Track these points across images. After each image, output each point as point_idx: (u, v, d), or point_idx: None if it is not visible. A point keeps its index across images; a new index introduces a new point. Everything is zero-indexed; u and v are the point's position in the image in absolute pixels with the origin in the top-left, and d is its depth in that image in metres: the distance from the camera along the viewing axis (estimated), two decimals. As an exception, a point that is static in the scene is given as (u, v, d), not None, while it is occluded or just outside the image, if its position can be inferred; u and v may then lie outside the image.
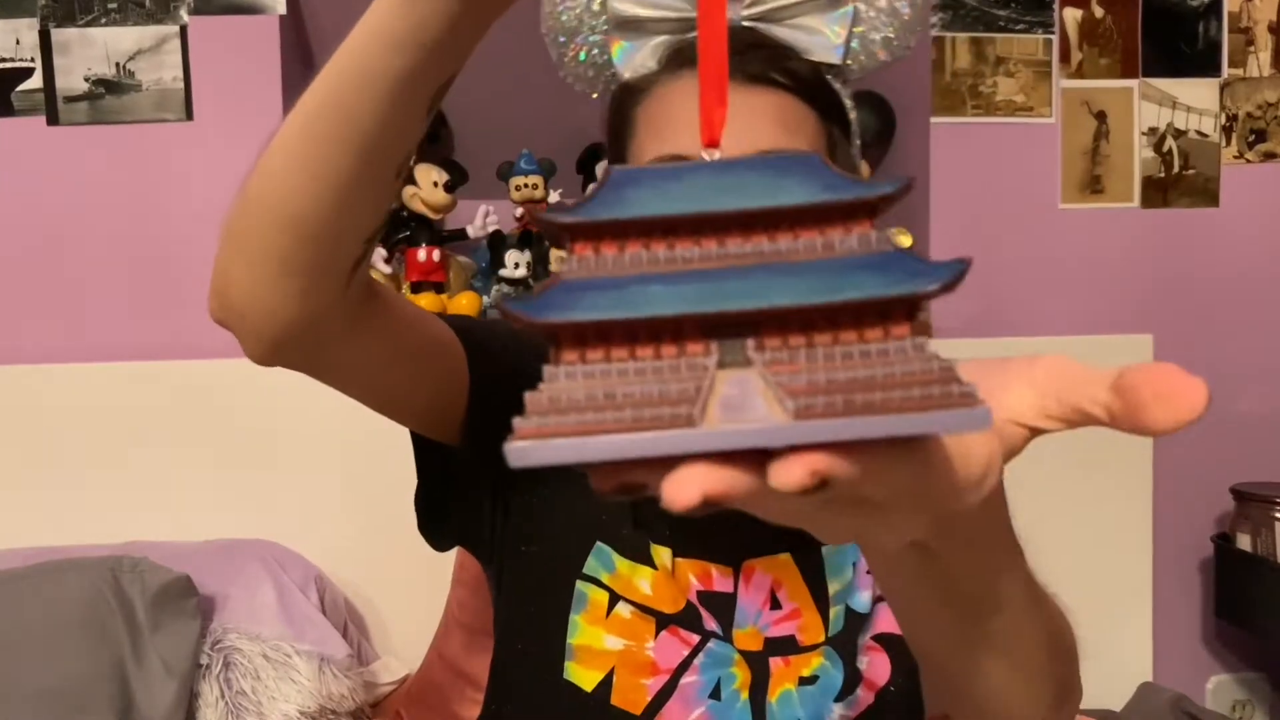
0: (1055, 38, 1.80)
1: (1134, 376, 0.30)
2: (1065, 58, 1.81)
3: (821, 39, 0.83)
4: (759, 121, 0.75)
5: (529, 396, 0.27)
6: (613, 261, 0.29)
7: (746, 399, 0.27)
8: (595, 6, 0.85)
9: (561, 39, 0.87)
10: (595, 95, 0.89)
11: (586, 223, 0.29)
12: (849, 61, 0.84)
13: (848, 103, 0.84)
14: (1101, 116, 1.82)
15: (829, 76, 0.83)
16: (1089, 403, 0.31)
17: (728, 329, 0.28)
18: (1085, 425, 0.32)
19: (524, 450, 0.26)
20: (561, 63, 0.88)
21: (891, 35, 0.85)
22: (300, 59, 1.74)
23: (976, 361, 0.35)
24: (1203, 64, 1.85)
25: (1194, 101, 1.85)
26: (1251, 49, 1.86)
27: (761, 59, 0.78)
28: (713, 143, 0.32)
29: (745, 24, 0.83)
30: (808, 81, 0.79)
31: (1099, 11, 1.82)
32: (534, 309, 0.28)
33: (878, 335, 0.28)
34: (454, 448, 0.78)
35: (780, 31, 0.82)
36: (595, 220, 0.29)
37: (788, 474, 0.25)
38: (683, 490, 0.25)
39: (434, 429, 0.78)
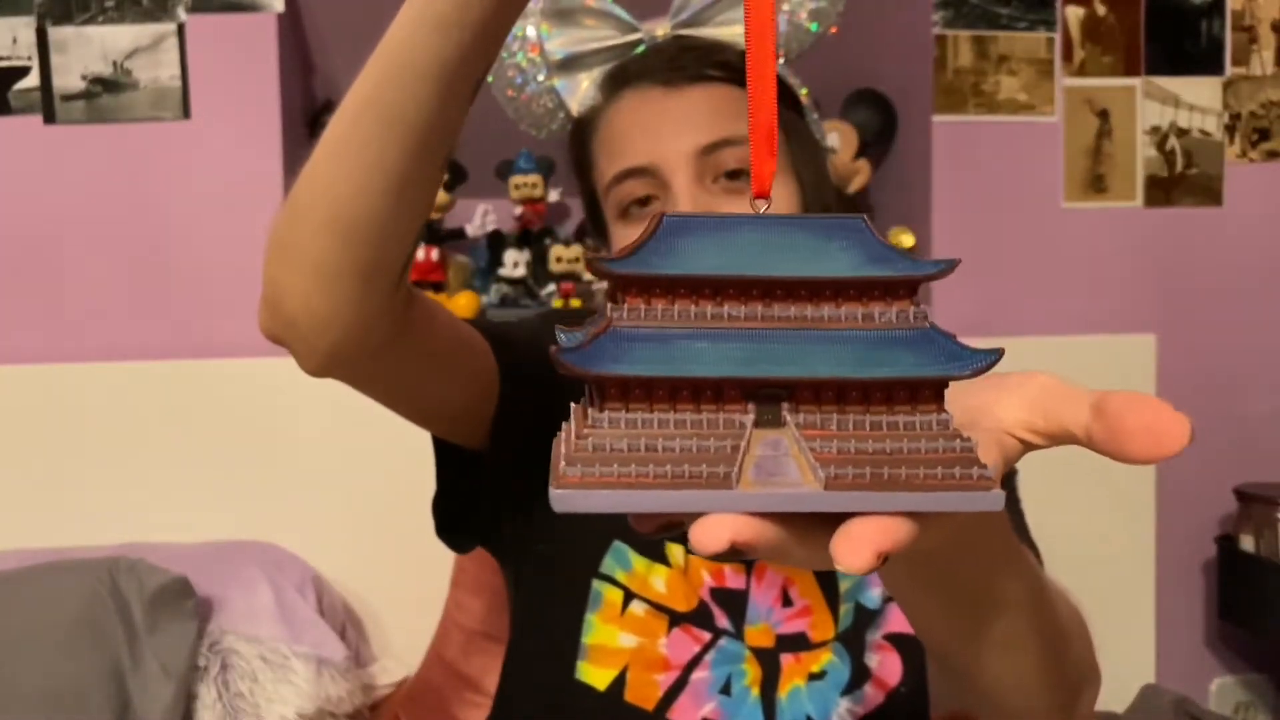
0: (1058, 36, 1.79)
1: (1119, 404, 0.31)
2: (1068, 56, 1.80)
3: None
4: (698, 116, 0.78)
5: (574, 443, 0.29)
6: (662, 313, 0.30)
7: (779, 462, 0.29)
8: (535, 56, 0.88)
9: (511, 92, 0.91)
10: (544, 135, 0.94)
11: (640, 275, 0.30)
12: (782, 42, 0.89)
13: (793, 81, 0.87)
14: (1104, 115, 1.81)
15: None
16: (1071, 422, 0.33)
17: (766, 390, 0.30)
18: (1068, 443, 0.34)
19: (567, 498, 0.28)
20: (518, 114, 0.93)
21: (815, 6, 0.89)
22: (298, 57, 1.73)
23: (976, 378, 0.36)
24: (1206, 62, 1.84)
25: (1197, 100, 1.84)
26: (1255, 47, 1.85)
27: (693, 60, 0.81)
28: (762, 194, 0.33)
29: (675, 33, 0.87)
30: (742, 69, 0.81)
31: (1101, 9, 1.81)
32: (585, 359, 0.29)
33: (905, 409, 0.30)
34: (476, 451, 0.79)
35: (708, 32, 0.87)
36: (648, 274, 0.30)
37: (856, 560, 0.26)
38: (712, 536, 0.27)
39: (461, 433, 0.79)
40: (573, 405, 0.32)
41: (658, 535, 0.29)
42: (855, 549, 0.26)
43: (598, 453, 0.28)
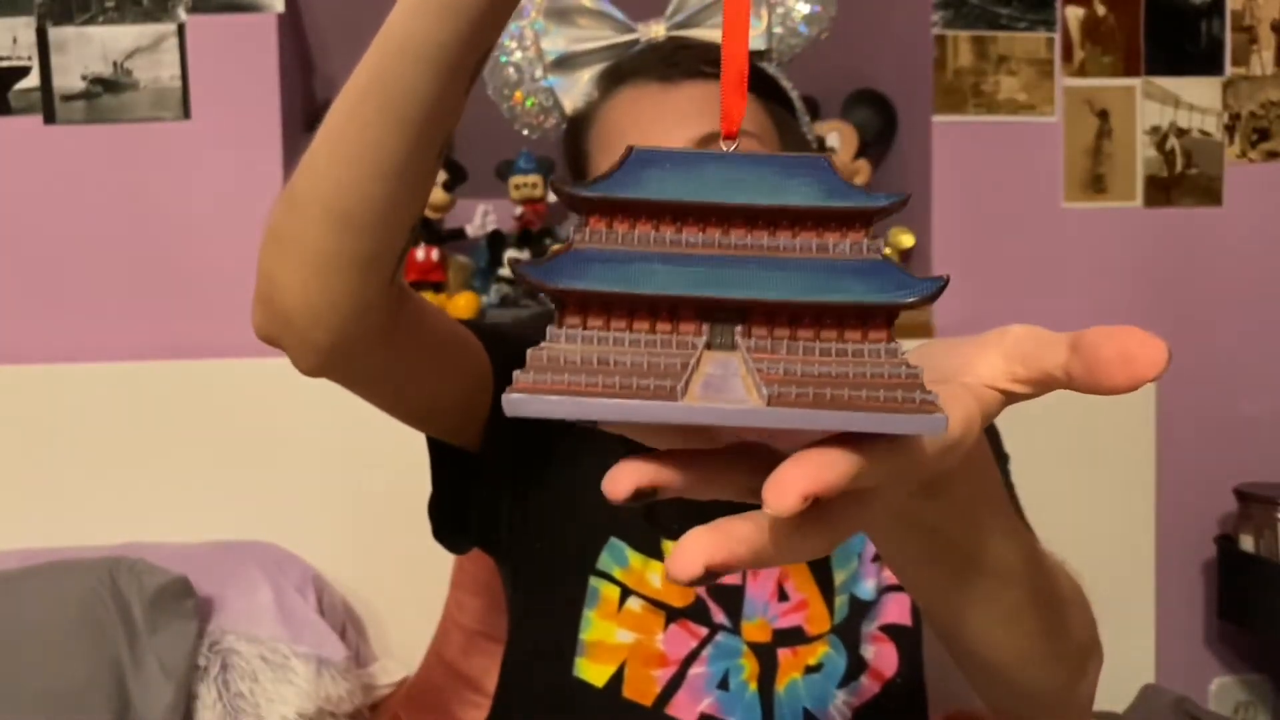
0: (1057, 36, 1.79)
1: (1093, 337, 0.31)
2: (1067, 56, 1.80)
3: None
4: (693, 111, 0.79)
5: (530, 352, 0.30)
6: (623, 237, 0.31)
7: (727, 380, 0.29)
8: (532, 54, 0.89)
9: (506, 91, 0.91)
10: (537, 135, 0.95)
11: (603, 198, 0.31)
12: (774, 45, 0.90)
13: (785, 83, 0.88)
14: (1104, 115, 1.81)
15: (761, 63, 0.87)
16: (1051, 364, 0.33)
17: (720, 313, 0.31)
18: (1051, 388, 0.34)
19: (519, 401, 0.28)
20: (513, 113, 0.93)
21: (809, 10, 0.90)
22: (298, 57, 1.73)
23: (953, 339, 0.37)
24: (1205, 62, 1.84)
25: (1197, 100, 1.84)
26: (1254, 47, 1.85)
27: (688, 57, 0.82)
28: (731, 134, 0.33)
29: (670, 34, 0.88)
30: None
31: (1101, 9, 1.81)
32: (544, 273, 0.30)
33: (856, 336, 0.30)
34: (471, 452, 0.79)
35: (702, 33, 0.88)
36: (611, 197, 0.31)
37: (782, 501, 0.26)
38: (617, 484, 0.27)
39: (454, 432, 0.79)
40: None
41: (633, 504, 0.29)
42: (782, 491, 0.26)
43: (552, 363, 0.29)
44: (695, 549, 0.27)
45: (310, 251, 0.59)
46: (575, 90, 0.89)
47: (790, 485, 0.26)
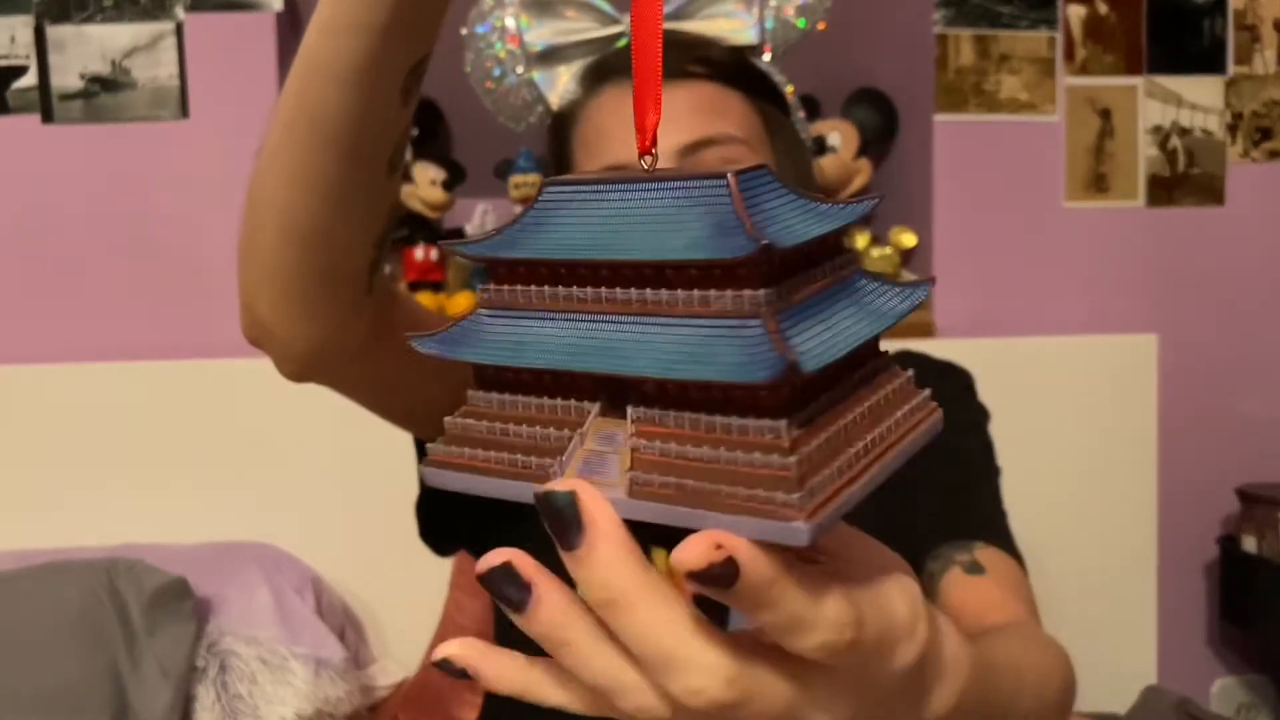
0: (1059, 35, 1.79)
1: None
2: (1069, 55, 1.80)
3: (735, 24, 0.86)
4: (679, 114, 0.76)
5: (447, 421, 0.30)
6: (521, 294, 0.30)
7: (606, 460, 0.27)
8: (514, 48, 0.86)
9: (489, 84, 0.89)
10: (521, 128, 0.93)
11: (500, 259, 0.30)
12: (768, 38, 0.87)
13: (779, 78, 0.85)
14: (1106, 114, 1.81)
15: (753, 58, 0.85)
16: None
17: (616, 380, 0.28)
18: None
19: (432, 474, 0.29)
20: (496, 106, 0.91)
21: (803, 2, 0.88)
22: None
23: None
24: (1207, 61, 1.84)
25: (1199, 99, 1.84)
26: (1257, 46, 1.85)
27: (675, 56, 0.79)
28: (646, 150, 0.31)
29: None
30: (726, 66, 0.81)
31: (1103, 8, 1.80)
32: (442, 344, 0.30)
33: (746, 410, 0.26)
34: None
35: (694, 26, 0.85)
36: (507, 258, 0.29)
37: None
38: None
39: None
40: None
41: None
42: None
43: (464, 433, 0.29)
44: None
45: (273, 268, 0.58)
46: (560, 84, 0.87)
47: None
